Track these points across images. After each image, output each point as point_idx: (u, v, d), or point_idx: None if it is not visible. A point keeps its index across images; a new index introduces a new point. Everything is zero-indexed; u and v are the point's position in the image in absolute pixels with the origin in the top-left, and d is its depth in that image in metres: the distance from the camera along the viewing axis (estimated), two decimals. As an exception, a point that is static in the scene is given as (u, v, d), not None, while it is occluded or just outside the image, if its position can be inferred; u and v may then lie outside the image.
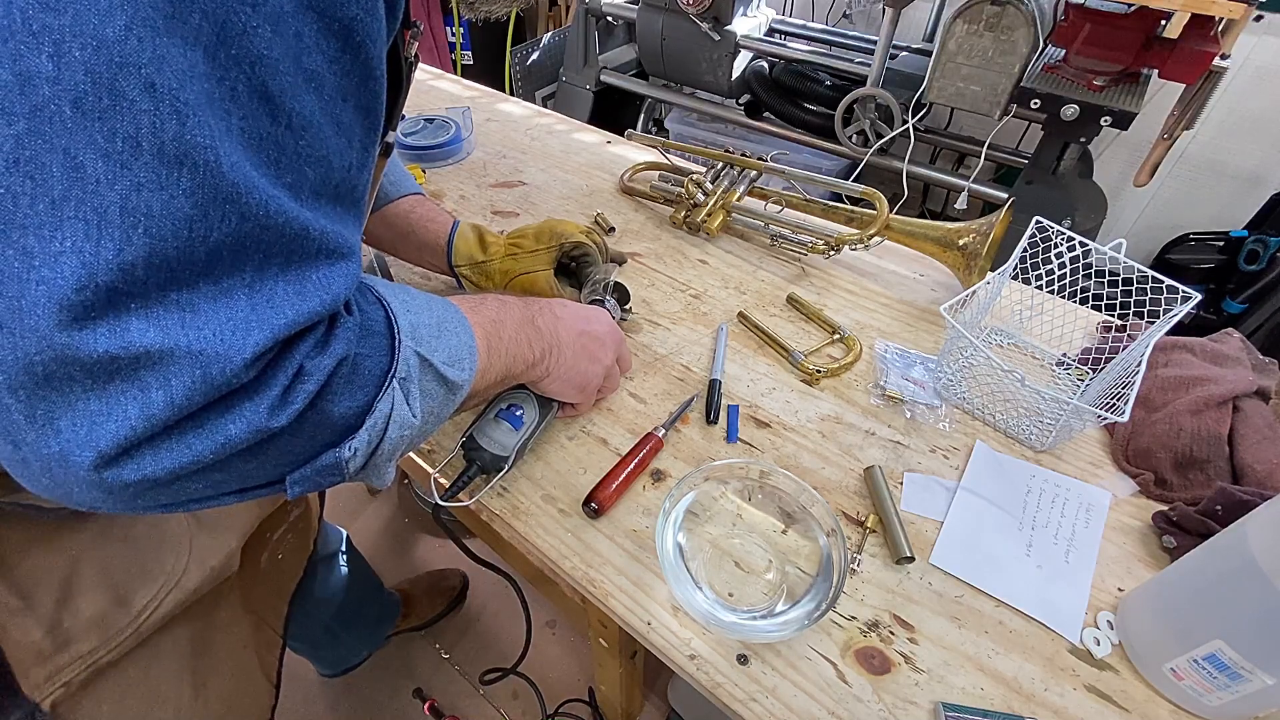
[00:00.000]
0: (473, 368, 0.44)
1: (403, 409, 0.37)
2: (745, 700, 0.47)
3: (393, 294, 0.40)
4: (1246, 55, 1.70)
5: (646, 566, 0.54)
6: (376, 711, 1.21)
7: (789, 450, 0.63)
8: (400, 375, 0.37)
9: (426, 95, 1.27)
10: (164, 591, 0.51)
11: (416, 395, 0.39)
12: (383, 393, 0.36)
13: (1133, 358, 0.62)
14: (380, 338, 0.37)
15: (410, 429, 0.38)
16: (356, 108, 0.33)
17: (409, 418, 0.38)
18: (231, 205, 0.27)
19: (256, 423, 0.30)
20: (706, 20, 1.84)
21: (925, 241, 0.80)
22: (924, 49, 1.88)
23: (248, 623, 0.63)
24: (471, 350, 0.44)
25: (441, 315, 0.43)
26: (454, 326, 0.43)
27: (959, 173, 1.86)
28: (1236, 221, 1.85)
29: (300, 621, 0.98)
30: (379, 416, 0.36)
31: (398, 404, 0.37)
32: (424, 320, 0.41)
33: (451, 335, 0.43)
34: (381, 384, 0.36)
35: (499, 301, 0.52)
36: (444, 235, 0.72)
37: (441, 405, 0.42)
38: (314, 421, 0.33)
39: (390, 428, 0.37)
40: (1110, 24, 1.39)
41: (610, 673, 0.93)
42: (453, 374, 0.42)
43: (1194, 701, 0.46)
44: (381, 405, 0.36)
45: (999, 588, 0.53)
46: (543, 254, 0.72)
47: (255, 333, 0.29)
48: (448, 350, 0.42)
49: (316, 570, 0.95)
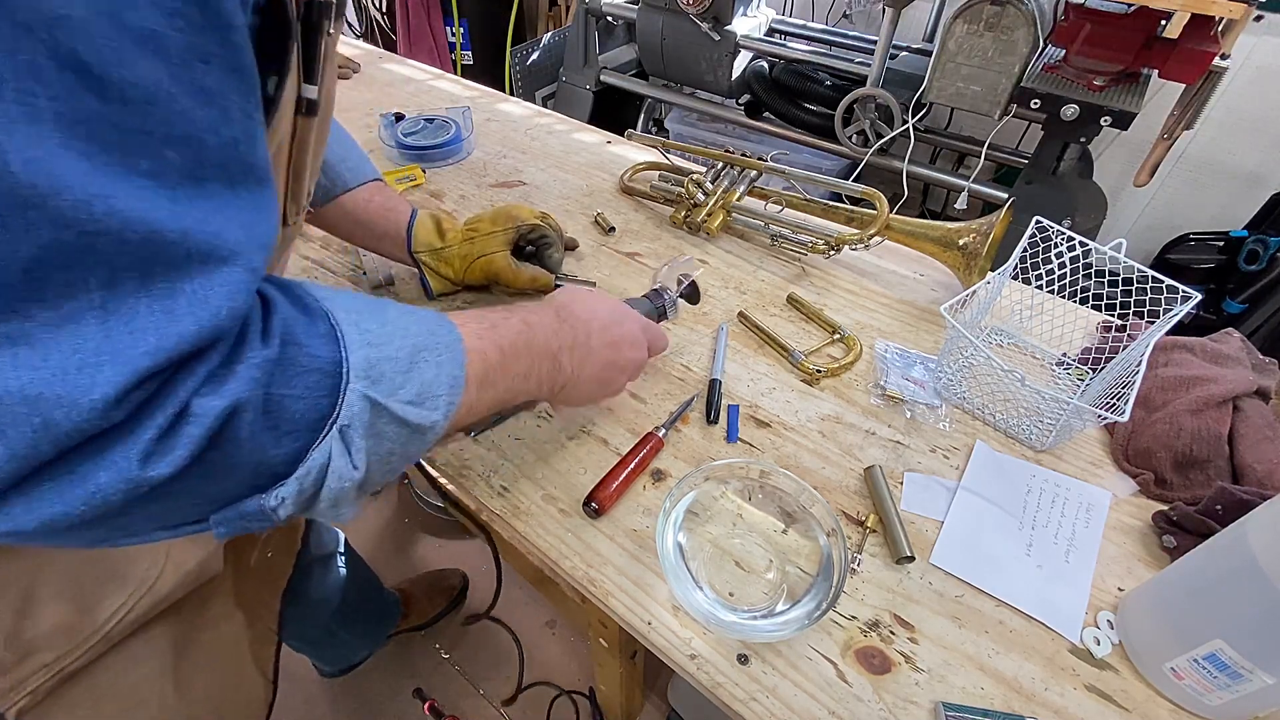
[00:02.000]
0: (451, 403, 0.38)
1: (341, 461, 0.32)
2: (745, 700, 0.47)
3: (355, 320, 0.34)
4: (1246, 55, 1.70)
5: (647, 566, 0.54)
6: (376, 711, 1.21)
7: (789, 450, 0.63)
8: (342, 423, 0.32)
9: (427, 95, 1.27)
10: (135, 597, 0.48)
11: (362, 445, 0.33)
12: (319, 441, 0.31)
13: (1133, 358, 0.62)
14: (319, 376, 0.31)
15: (351, 481, 0.33)
16: (224, 69, 0.27)
17: (349, 470, 0.33)
18: (36, 211, 0.22)
19: (127, 472, 0.26)
20: (706, 20, 1.84)
21: (925, 241, 0.80)
22: (924, 49, 1.88)
23: (240, 619, 0.63)
24: (454, 382, 0.39)
25: (421, 342, 0.37)
26: (435, 355, 0.38)
27: (959, 173, 1.86)
28: (1236, 221, 1.85)
29: (299, 622, 0.98)
30: (311, 466, 0.31)
31: (336, 455, 0.32)
32: (390, 352, 0.35)
33: (429, 367, 0.37)
34: (317, 430, 0.31)
35: (524, 325, 0.47)
36: (403, 224, 0.72)
37: (405, 446, 0.37)
38: (218, 467, 0.29)
39: (328, 478, 0.32)
40: (1110, 24, 1.39)
41: (610, 673, 0.93)
42: (418, 415, 0.36)
43: (1194, 701, 0.46)
44: (315, 456, 0.31)
45: (999, 587, 0.53)
46: (499, 235, 0.73)
47: (108, 369, 0.24)
48: (418, 387, 0.36)
49: (312, 571, 0.94)
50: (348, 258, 0.84)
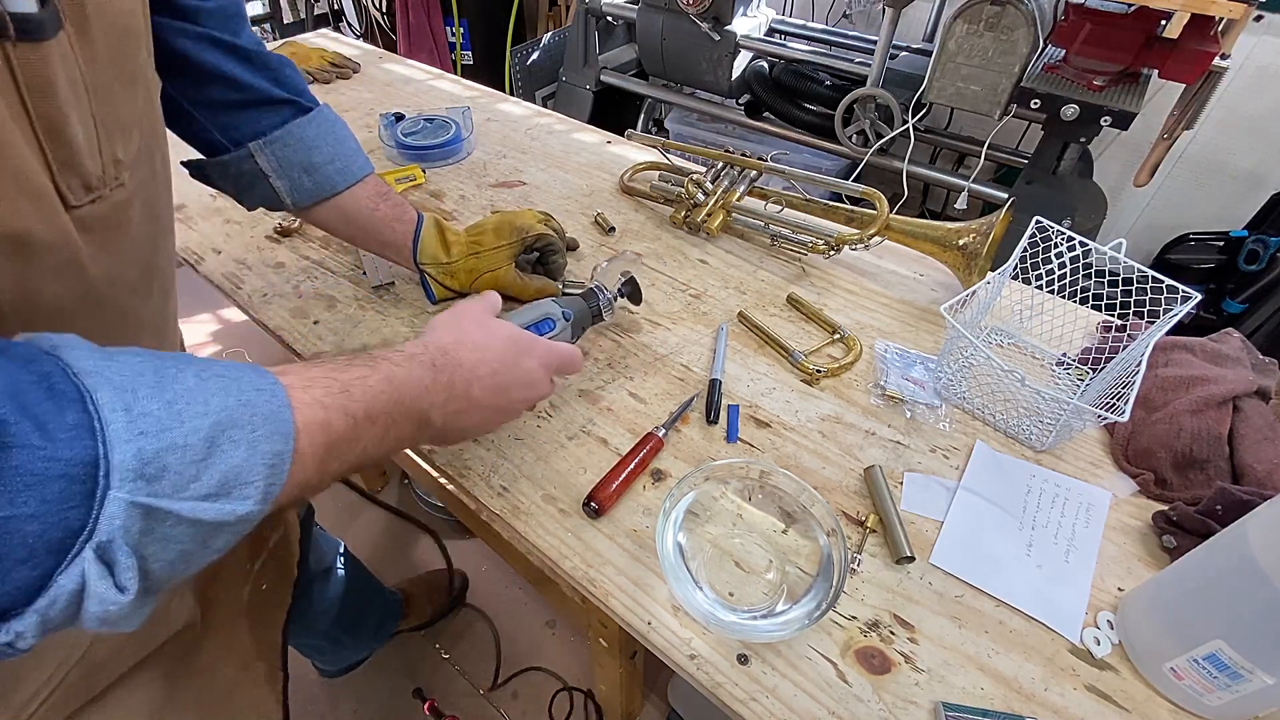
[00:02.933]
0: (272, 487, 0.31)
1: (102, 584, 0.26)
2: (745, 700, 0.47)
3: (129, 400, 0.27)
4: (1246, 55, 1.70)
5: (647, 566, 0.54)
6: (376, 711, 1.21)
7: (789, 450, 0.63)
8: (100, 539, 0.25)
9: (427, 95, 1.27)
10: (62, 670, 0.42)
11: (129, 563, 0.26)
12: (65, 564, 0.25)
13: (1133, 358, 0.62)
14: (62, 484, 0.24)
15: (118, 604, 0.26)
16: None
17: (112, 594, 0.26)
18: None
19: None
20: (706, 20, 1.84)
21: (925, 241, 0.80)
22: (924, 49, 1.88)
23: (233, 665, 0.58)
24: (277, 460, 0.31)
25: (229, 417, 0.29)
26: (247, 433, 0.30)
27: (959, 173, 1.86)
28: (1236, 221, 1.85)
29: (300, 633, 0.97)
30: (57, 594, 0.25)
31: (93, 579, 0.25)
32: (178, 438, 0.27)
33: (238, 448, 0.29)
34: (63, 551, 0.25)
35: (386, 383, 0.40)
36: (409, 236, 0.70)
37: (204, 545, 0.29)
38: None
39: (86, 603, 0.26)
40: (1110, 24, 1.39)
41: (610, 673, 0.93)
42: (218, 511, 0.29)
43: (1194, 701, 0.46)
44: (62, 581, 0.25)
45: (999, 587, 0.53)
46: (504, 249, 0.72)
47: None
48: (219, 476, 0.29)
49: (312, 587, 0.93)
50: (348, 257, 0.85)
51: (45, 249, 0.34)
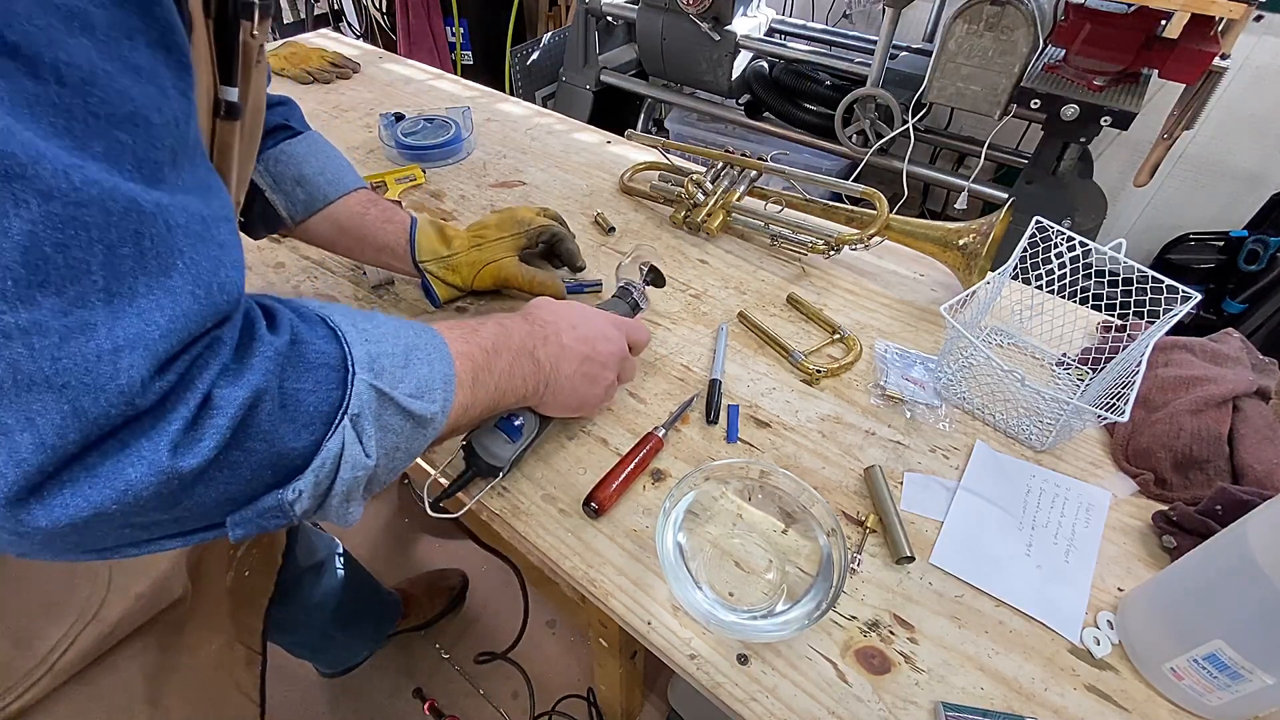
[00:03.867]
0: (447, 399, 0.41)
1: (355, 448, 0.34)
2: (745, 700, 0.47)
3: (351, 322, 0.37)
4: (1246, 55, 1.70)
5: (646, 566, 0.54)
6: (376, 711, 1.21)
7: (789, 450, 0.63)
8: (353, 412, 0.34)
9: (427, 95, 1.27)
10: (79, 626, 0.46)
11: (372, 433, 0.35)
12: (332, 431, 0.33)
13: (1133, 358, 0.62)
14: (327, 370, 0.33)
15: (365, 469, 0.35)
16: (151, 45, 0.27)
17: (362, 458, 0.35)
18: (19, 182, 0.22)
19: (159, 464, 0.26)
20: (706, 20, 1.84)
21: (925, 241, 0.80)
22: (924, 49, 1.88)
23: (218, 643, 0.61)
24: (447, 379, 0.41)
25: (412, 342, 0.39)
26: (426, 354, 0.40)
27: (959, 173, 1.86)
28: (1236, 221, 1.85)
29: (295, 630, 0.98)
30: (327, 456, 0.33)
31: (349, 443, 0.34)
32: (387, 349, 0.37)
33: (422, 364, 0.39)
34: (330, 421, 0.33)
35: (499, 327, 0.49)
36: (403, 235, 0.70)
37: (409, 440, 0.38)
38: (240, 461, 0.29)
39: (341, 468, 0.34)
40: (1110, 24, 1.39)
41: (610, 673, 0.93)
42: (420, 407, 0.38)
43: (1194, 701, 0.46)
44: (330, 444, 0.33)
45: (999, 587, 0.53)
46: (506, 240, 0.72)
47: (128, 354, 0.25)
48: (415, 381, 0.38)
49: (303, 580, 0.93)
50: (347, 258, 0.84)
51: None
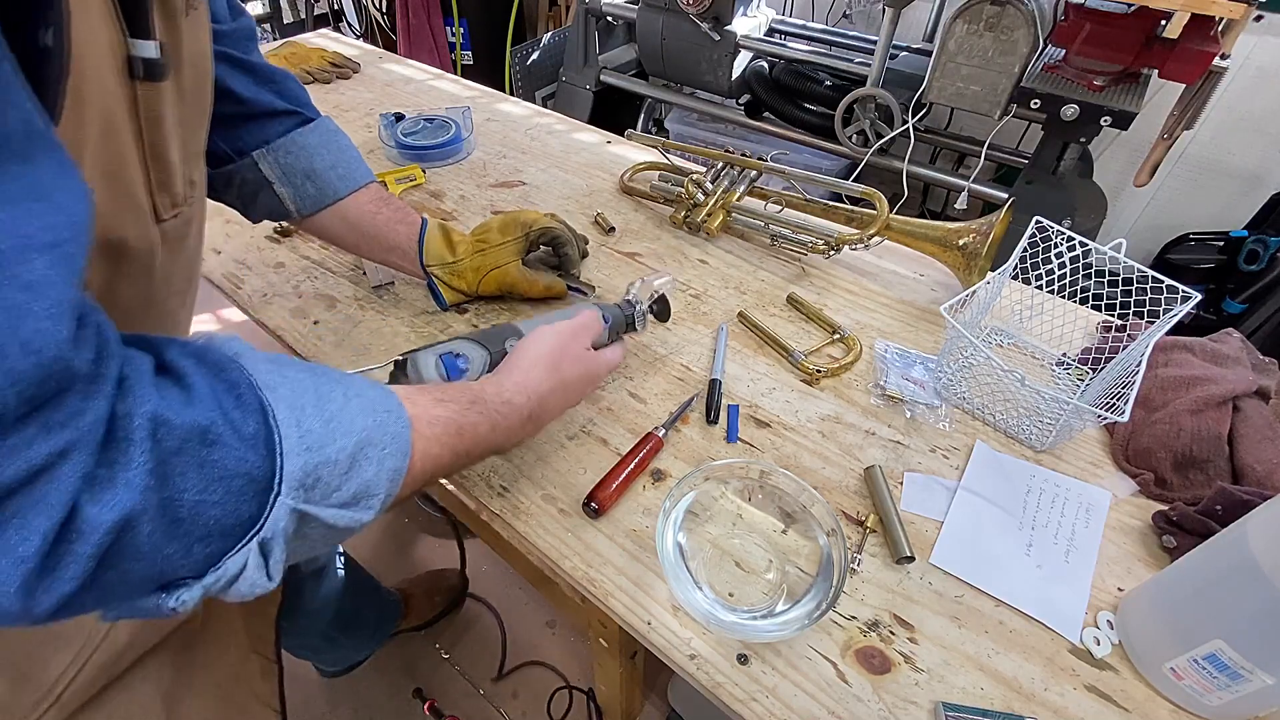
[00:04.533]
0: (391, 493, 0.36)
1: (256, 573, 0.30)
2: (745, 700, 0.47)
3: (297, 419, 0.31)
4: (1246, 55, 1.70)
5: (646, 566, 0.54)
6: (376, 711, 1.21)
7: (789, 450, 0.63)
8: (264, 536, 0.29)
9: (427, 95, 1.27)
10: (86, 653, 0.45)
11: (280, 558, 0.31)
12: (233, 550, 0.29)
13: (1133, 358, 0.62)
14: (244, 482, 0.28)
15: (263, 588, 0.31)
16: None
17: (262, 580, 0.31)
18: None
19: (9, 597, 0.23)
20: (706, 20, 1.84)
21: (925, 241, 0.80)
22: (924, 49, 1.87)
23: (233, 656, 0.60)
24: (394, 476, 0.36)
25: (366, 438, 0.34)
26: (380, 450, 0.35)
27: (959, 173, 1.86)
28: (1236, 221, 1.85)
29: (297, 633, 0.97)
30: (222, 575, 0.29)
31: (252, 566, 0.30)
32: (330, 455, 0.32)
33: (369, 465, 0.34)
34: (233, 538, 0.29)
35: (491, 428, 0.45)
36: (413, 238, 0.71)
37: (328, 541, 0.35)
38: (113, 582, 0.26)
39: (237, 583, 0.30)
40: (1110, 24, 1.39)
41: (610, 673, 0.93)
42: (348, 519, 0.34)
43: (1194, 701, 0.46)
44: (228, 564, 0.29)
45: (999, 587, 0.53)
46: (510, 245, 0.72)
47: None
48: (354, 488, 0.33)
49: (304, 586, 0.93)
50: (348, 258, 0.85)
51: (134, 255, 0.39)
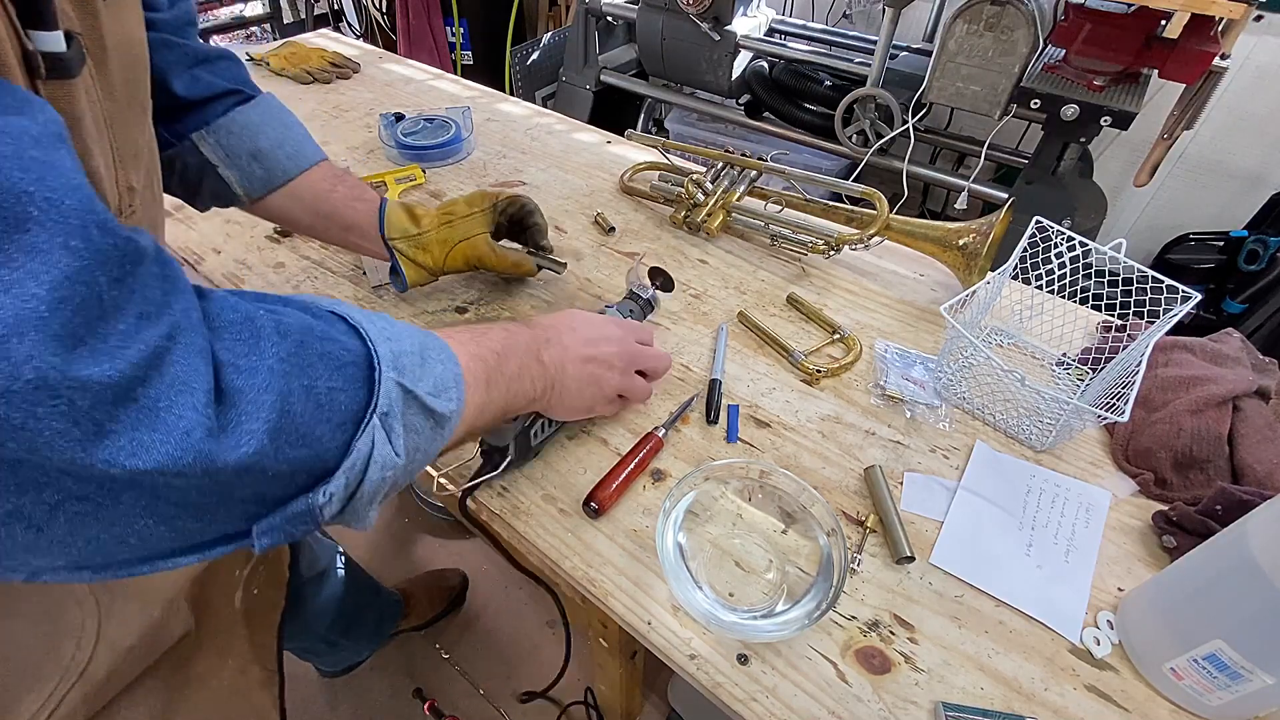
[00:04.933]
0: (460, 398, 0.40)
1: (385, 448, 0.33)
2: (745, 700, 0.47)
3: (370, 321, 0.36)
4: (1246, 55, 1.70)
5: (646, 566, 0.54)
6: (376, 711, 1.21)
7: (789, 450, 0.63)
8: (382, 410, 0.33)
9: (427, 95, 1.27)
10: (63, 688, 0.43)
11: (400, 432, 0.34)
12: (361, 430, 0.32)
13: (1133, 358, 0.62)
14: (355, 368, 0.33)
15: (394, 468, 0.34)
16: None
17: (392, 457, 0.34)
18: None
19: (190, 442, 0.25)
20: (706, 20, 1.84)
21: (925, 241, 0.80)
22: (924, 49, 1.88)
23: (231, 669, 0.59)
24: (459, 379, 0.41)
25: (424, 343, 0.39)
26: (437, 355, 0.39)
27: (959, 173, 1.86)
28: (1236, 221, 1.85)
29: (297, 635, 0.96)
30: (357, 457, 0.32)
31: (379, 443, 0.33)
32: (405, 348, 0.36)
33: (435, 364, 0.39)
34: (360, 420, 0.32)
35: (505, 332, 0.49)
36: (373, 214, 0.68)
37: (429, 441, 0.38)
38: (277, 459, 0.29)
39: (370, 469, 0.33)
40: (1110, 24, 1.39)
41: (610, 673, 0.93)
42: (440, 405, 0.37)
43: (1194, 701, 0.46)
44: (360, 444, 0.32)
45: (999, 587, 0.53)
46: (478, 217, 0.71)
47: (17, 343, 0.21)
48: (433, 380, 0.38)
49: (305, 592, 0.92)
50: (348, 258, 0.84)
51: None
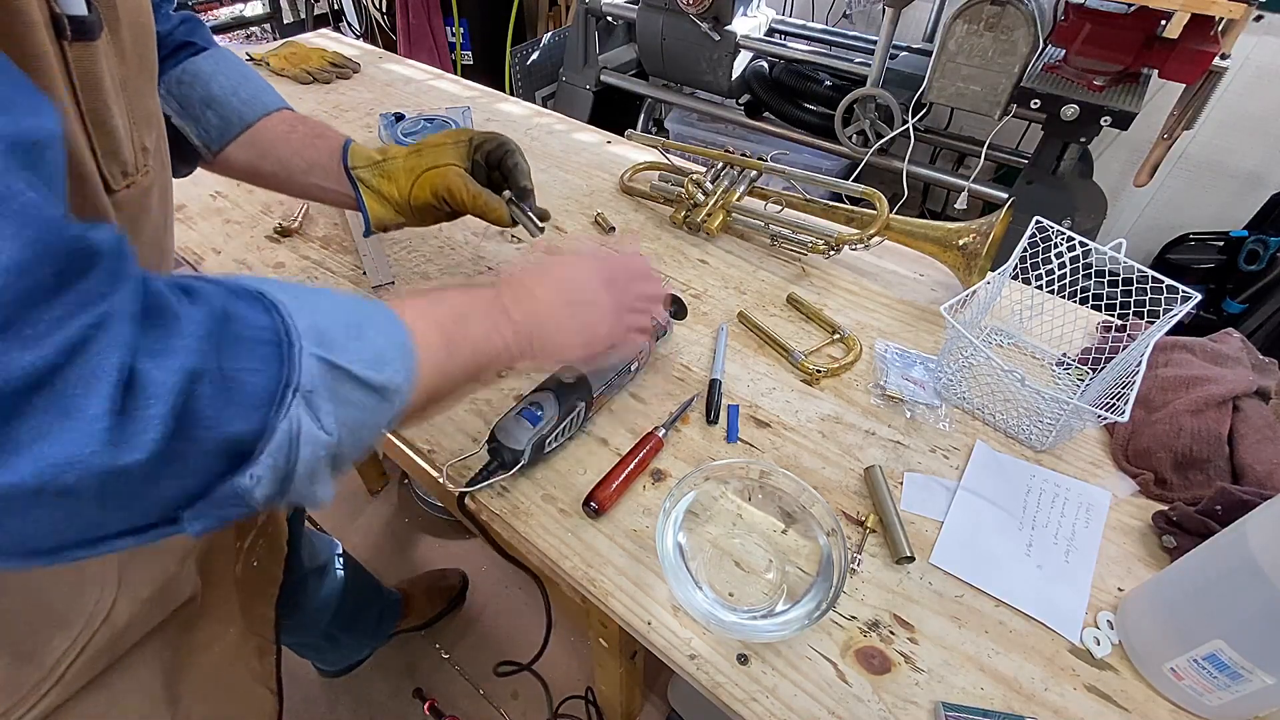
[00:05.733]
0: (409, 367, 0.38)
1: (311, 427, 0.32)
2: (745, 700, 0.47)
3: (291, 295, 0.34)
4: (1246, 55, 1.70)
5: (647, 566, 0.54)
6: (376, 711, 1.21)
7: (789, 450, 0.63)
8: (306, 388, 0.32)
9: (427, 95, 1.27)
10: (86, 635, 0.45)
11: (329, 409, 0.33)
12: (282, 411, 0.31)
13: (1133, 358, 0.62)
14: (266, 346, 0.31)
15: (326, 447, 0.33)
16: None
17: (321, 436, 0.33)
18: None
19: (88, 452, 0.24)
20: (706, 20, 1.84)
21: (925, 241, 0.80)
22: (924, 49, 1.88)
23: (233, 637, 0.60)
24: (404, 349, 0.38)
25: (362, 314, 0.37)
26: (378, 325, 0.38)
27: (959, 173, 1.86)
28: (1236, 221, 1.85)
29: (299, 631, 0.97)
30: (281, 439, 0.31)
31: (305, 421, 0.32)
32: (334, 321, 0.34)
33: (375, 335, 0.37)
34: (277, 400, 0.31)
35: (465, 293, 0.47)
36: (335, 149, 0.65)
37: (372, 414, 0.36)
38: (186, 452, 0.28)
39: (301, 449, 0.32)
40: (1110, 24, 1.39)
41: (610, 673, 0.93)
42: (379, 377, 0.36)
43: (1194, 701, 0.46)
44: (282, 425, 0.31)
45: (999, 587, 0.53)
46: (450, 147, 0.67)
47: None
48: (371, 351, 0.36)
49: (308, 582, 0.93)
50: (348, 258, 0.84)
51: None
